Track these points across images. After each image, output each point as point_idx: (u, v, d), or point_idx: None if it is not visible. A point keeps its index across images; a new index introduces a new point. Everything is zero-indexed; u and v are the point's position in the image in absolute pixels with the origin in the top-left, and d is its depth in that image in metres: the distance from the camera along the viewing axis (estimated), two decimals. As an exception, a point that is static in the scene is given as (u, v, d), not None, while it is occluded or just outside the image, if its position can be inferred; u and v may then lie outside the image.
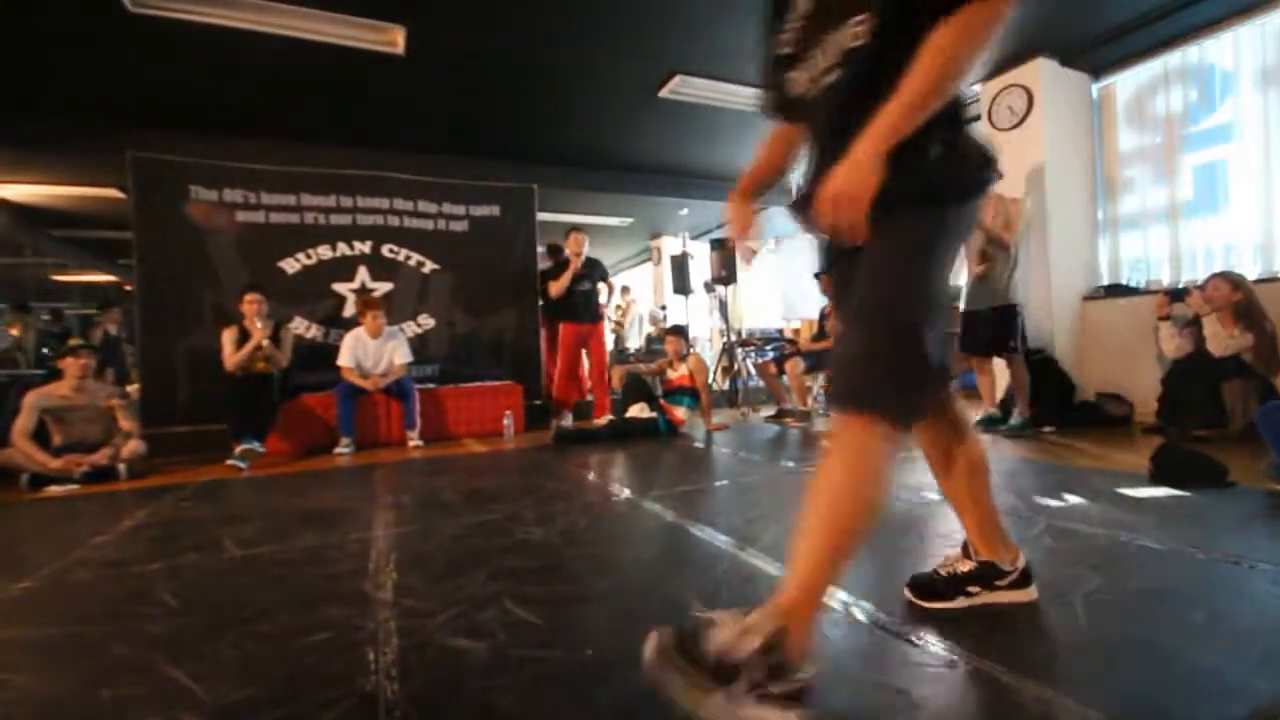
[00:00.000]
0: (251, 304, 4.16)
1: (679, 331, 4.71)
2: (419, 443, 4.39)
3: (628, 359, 7.07)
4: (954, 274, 4.04)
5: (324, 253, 5.02)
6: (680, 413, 4.40)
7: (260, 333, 4.12)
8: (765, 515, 2.15)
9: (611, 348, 9.55)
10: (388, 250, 5.21)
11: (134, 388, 4.58)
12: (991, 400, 4.02)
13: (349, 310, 5.00)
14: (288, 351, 4.32)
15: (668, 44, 4.09)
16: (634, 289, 9.76)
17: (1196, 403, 3.28)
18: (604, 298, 5.36)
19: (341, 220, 5.08)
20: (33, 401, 3.43)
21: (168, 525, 2.40)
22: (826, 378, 5.11)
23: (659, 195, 7.05)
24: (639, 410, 4.40)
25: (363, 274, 5.13)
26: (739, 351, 6.58)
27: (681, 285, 7.77)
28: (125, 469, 3.51)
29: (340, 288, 5.07)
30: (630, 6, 3.63)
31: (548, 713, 0.99)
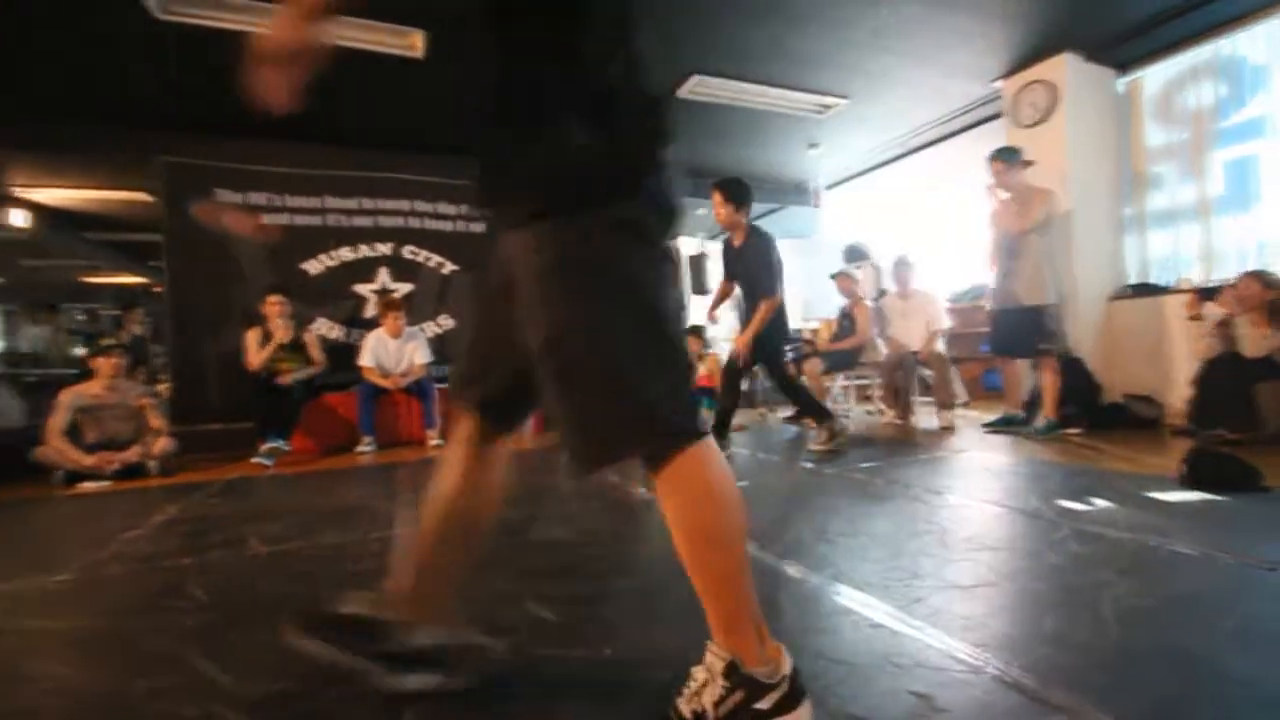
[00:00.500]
0: (274, 305, 4.23)
1: (696, 332, 4.70)
2: (439, 441, 4.44)
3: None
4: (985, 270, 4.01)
5: (346, 254, 5.10)
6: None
7: (283, 333, 4.19)
8: (785, 516, 2.14)
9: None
10: (408, 251, 5.28)
11: (163, 387, 4.69)
12: (1016, 401, 3.95)
13: (370, 311, 5.07)
14: (318, 354, 4.38)
15: (686, 44, 4.09)
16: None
17: (1228, 405, 3.20)
18: None
19: (363, 222, 5.16)
20: (67, 400, 3.52)
21: (197, 521, 2.45)
22: (846, 377, 5.07)
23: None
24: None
25: (384, 275, 5.20)
26: (756, 352, 6.55)
27: (699, 285, 7.76)
28: (156, 466, 3.60)
29: (362, 289, 5.14)
30: (649, 6, 3.63)
31: (567, 711, 1.00)
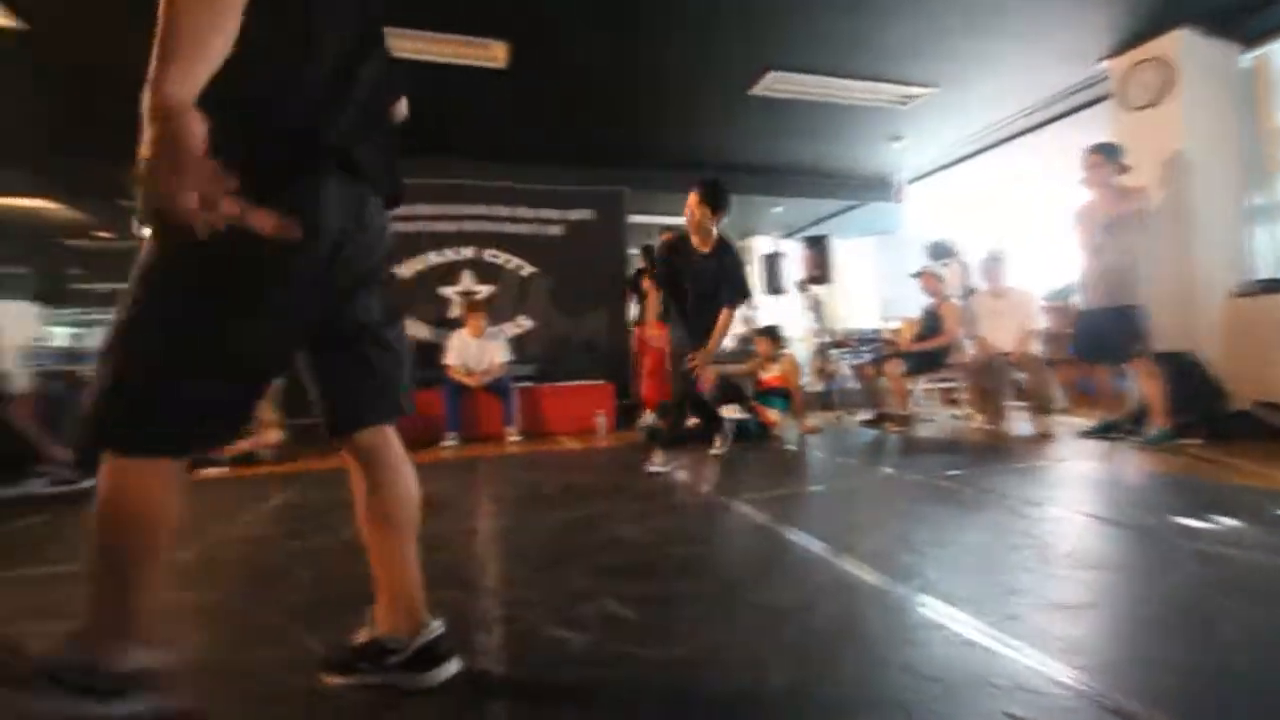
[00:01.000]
0: None
1: (770, 332, 4.63)
2: (517, 438, 4.60)
3: (719, 360, 6.99)
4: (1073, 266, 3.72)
5: (432, 258, 5.38)
6: (772, 414, 4.33)
7: None
8: (864, 523, 2.08)
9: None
10: (490, 255, 5.50)
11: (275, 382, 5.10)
12: (1117, 406, 3.64)
13: (454, 312, 5.32)
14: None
15: (761, 40, 4.03)
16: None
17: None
18: None
19: (448, 228, 5.43)
20: (192, 394, 3.90)
21: (301, 508, 2.66)
22: (929, 379, 4.84)
23: (750, 193, 6.93)
24: (730, 412, 4.36)
25: (467, 278, 5.45)
26: (834, 353, 6.36)
27: (773, 285, 7.61)
28: (267, 455, 3.92)
29: (446, 291, 5.40)
30: (725, 5, 3.61)
31: (643, 708, 1.01)
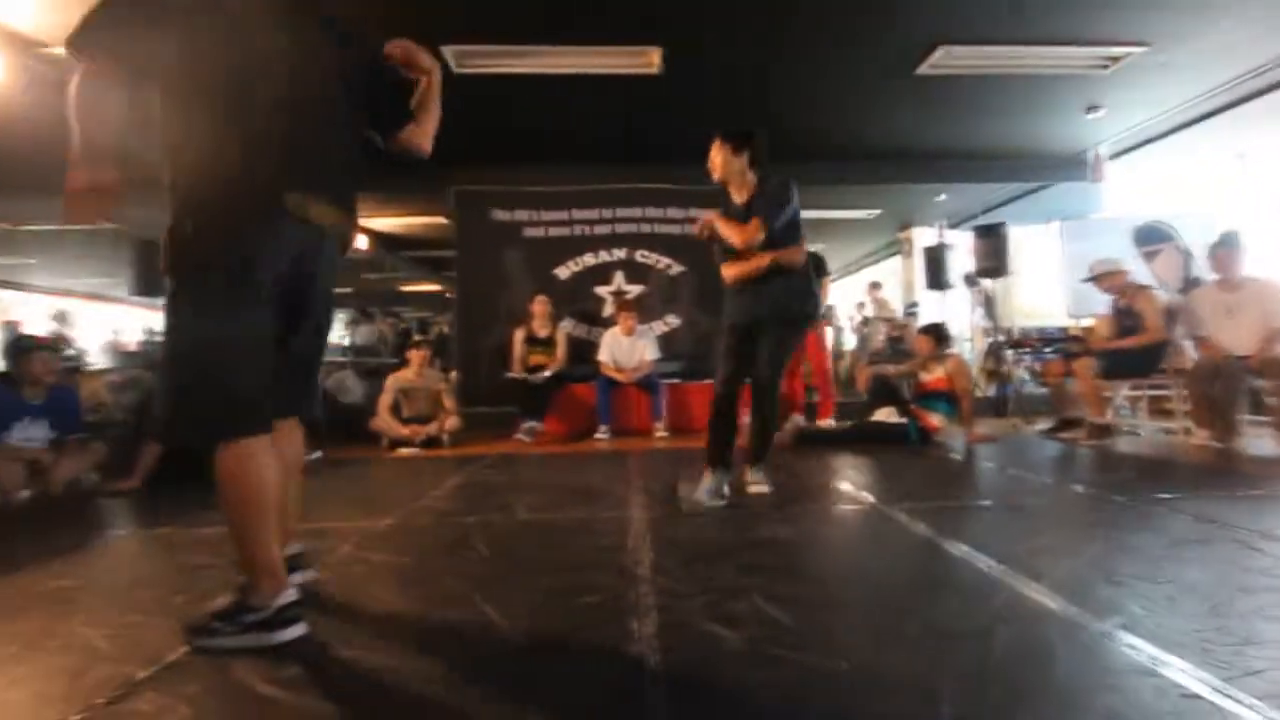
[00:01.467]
0: (541, 305, 5.00)
1: (934, 331, 4.26)
2: (665, 433, 4.71)
3: (879, 359, 6.61)
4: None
5: (588, 260, 5.69)
6: (935, 419, 3.98)
7: (543, 329, 4.92)
8: (1050, 546, 1.85)
9: (854, 346, 9.05)
10: (640, 255, 5.69)
11: (454, 374, 5.71)
12: None
13: (607, 310, 5.58)
14: (562, 352, 4.98)
15: (929, 13, 3.72)
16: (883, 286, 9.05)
17: None
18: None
19: (602, 230, 5.71)
20: (392, 384, 4.52)
21: (478, 486, 2.98)
22: (1134, 386, 4.17)
23: (912, 182, 6.43)
24: (886, 415, 4.10)
25: (619, 278, 5.69)
26: (1009, 353, 5.71)
27: (937, 279, 7.01)
28: (448, 439, 4.42)
29: (600, 290, 5.69)
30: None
31: (810, 716, 0.98)
